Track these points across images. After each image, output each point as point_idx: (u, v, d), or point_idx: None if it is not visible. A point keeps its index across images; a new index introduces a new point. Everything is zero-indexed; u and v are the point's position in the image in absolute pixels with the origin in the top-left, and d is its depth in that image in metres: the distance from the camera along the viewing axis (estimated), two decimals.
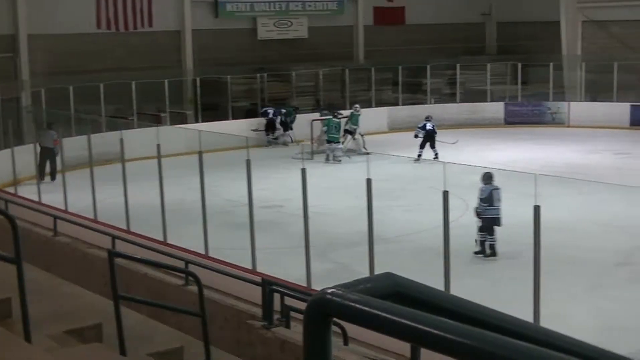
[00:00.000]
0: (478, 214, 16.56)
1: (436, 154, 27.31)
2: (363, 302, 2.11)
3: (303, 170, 13.36)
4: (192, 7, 34.52)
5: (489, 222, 16.39)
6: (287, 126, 31.84)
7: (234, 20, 36.02)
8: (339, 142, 28.40)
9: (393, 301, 2.20)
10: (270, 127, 31.83)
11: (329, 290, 2.17)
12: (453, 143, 28.30)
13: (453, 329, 2.03)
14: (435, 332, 2.02)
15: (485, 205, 16.50)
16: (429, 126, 28.09)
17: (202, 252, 14.66)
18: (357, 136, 29.81)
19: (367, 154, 26.60)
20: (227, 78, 33.10)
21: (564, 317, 11.85)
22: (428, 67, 36.74)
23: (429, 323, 2.05)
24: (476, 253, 16.42)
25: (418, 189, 22.05)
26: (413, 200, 21.26)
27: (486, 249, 16.39)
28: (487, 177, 16.66)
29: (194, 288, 11.06)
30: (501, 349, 1.99)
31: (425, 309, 2.21)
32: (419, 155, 27.34)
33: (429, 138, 27.92)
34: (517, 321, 2.43)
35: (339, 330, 9.27)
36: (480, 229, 16.49)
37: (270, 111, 31.96)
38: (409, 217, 19.47)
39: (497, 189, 16.50)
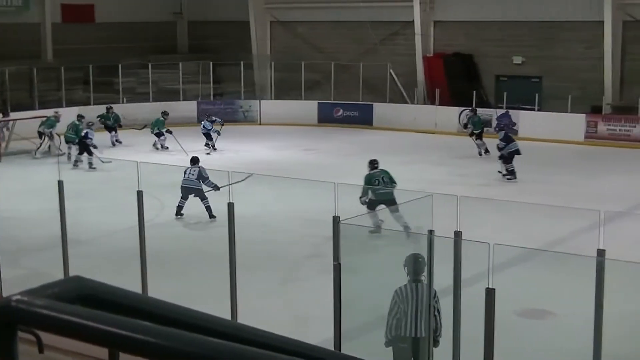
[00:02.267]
0: None
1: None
2: (50, 308, 2.05)
3: None
4: None
5: None
6: None
7: None
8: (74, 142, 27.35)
9: (83, 305, 2.15)
10: None
11: (14, 297, 2.08)
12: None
13: (145, 330, 2.01)
14: (124, 333, 2.00)
15: None
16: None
17: None
18: (54, 139, 28.81)
19: (62, 154, 25.96)
20: None
21: (260, 312, 12.09)
22: (120, 66, 36.27)
23: (119, 325, 2.02)
24: None
25: (112, 189, 21.72)
26: (107, 201, 20.91)
27: None
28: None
29: None
30: (197, 347, 1.99)
31: (118, 311, 2.18)
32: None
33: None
34: (214, 319, 2.44)
35: (34, 338, 8.95)
36: None
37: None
38: (103, 218, 19.13)
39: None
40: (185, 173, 19.18)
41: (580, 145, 30.54)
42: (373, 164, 18.53)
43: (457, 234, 8.51)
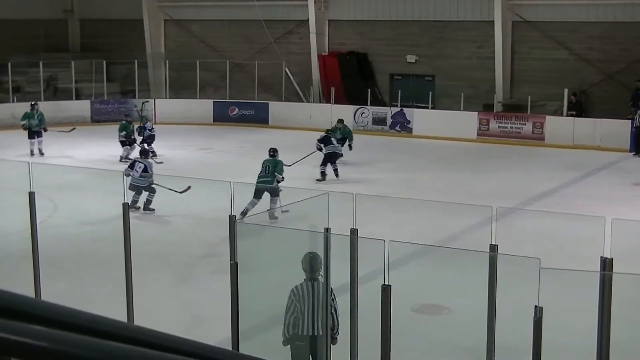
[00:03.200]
0: None
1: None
2: None
3: None
4: None
5: None
6: None
7: None
8: None
9: None
10: None
11: None
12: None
13: (32, 334, 1.97)
14: (13, 338, 1.94)
15: None
16: None
17: None
18: None
19: None
20: None
21: (155, 313, 11.99)
22: (9, 64, 35.47)
23: (10, 330, 1.96)
24: None
25: (1, 190, 21.21)
26: None
27: None
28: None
29: None
30: (89, 350, 1.95)
31: (8, 315, 2.12)
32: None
33: None
34: (107, 321, 2.40)
35: None
36: None
37: None
38: None
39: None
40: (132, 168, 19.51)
41: (473, 142, 31.11)
42: (269, 152, 19.52)
43: (353, 232, 8.56)
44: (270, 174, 18.79)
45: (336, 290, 9.14)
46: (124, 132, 27.22)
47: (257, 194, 18.41)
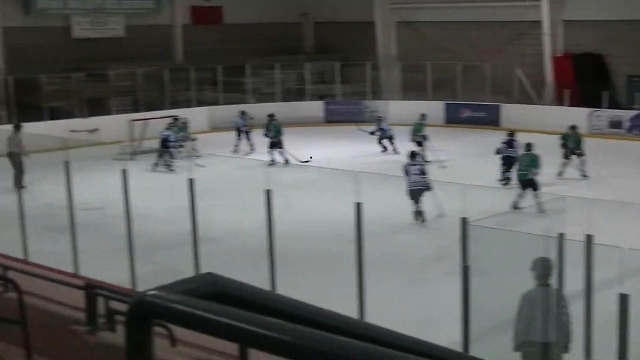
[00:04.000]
0: None
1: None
2: (184, 303, 2.08)
3: (124, 171, 13.13)
4: (2, 3, 33.36)
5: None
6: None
7: (47, 17, 35.06)
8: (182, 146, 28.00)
9: (215, 301, 2.17)
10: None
11: (150, 292, 2.13)
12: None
13: (275, 327, 2.03)
14: (257, 330, 2.01)
15: None
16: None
17: (22, 256, 14.18)
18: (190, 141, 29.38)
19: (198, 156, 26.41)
20: (42, 77, 32.13)
21: (386, 312, 12.07)
22: (247, 66, 36.76)
23: (251, 321, 2.04)
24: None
25: (241, 188, 22.03)
26: (236, 199, 21.22)
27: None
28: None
29: (13, 295, 10.66)
30: (326, 345, 1.99)
31: (248, 308, 2.20)
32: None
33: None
34: (342, 318, 2.44)
35: (166, 332, 9.13)
36: None
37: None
38: (232, 217, 19.42)
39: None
40: (407, 173, 19.10)
41: None
42: (526, 147, 20.71)
43: (589, 238, 8.31)
44: (528, 167, 19.77)
45: (569, 298, 8.90)
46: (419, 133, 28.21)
47: (523, 186, 19.61)
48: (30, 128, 27.35)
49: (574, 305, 8.87)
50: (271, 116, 28.51)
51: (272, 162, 26.28)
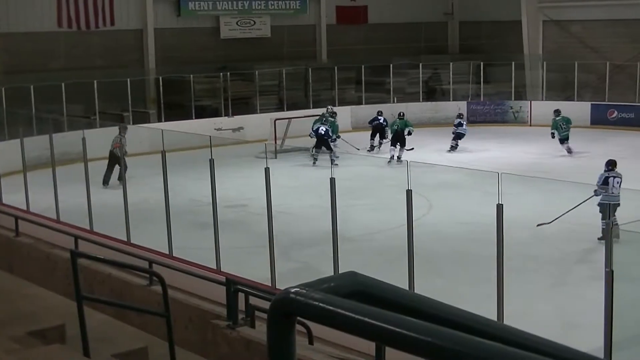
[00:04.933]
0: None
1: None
2: (326, 301, 2.12)
3: (267, 170, 13.34)
4: (154, 5, 34.39)
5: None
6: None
7: (197, 18, 35.96)
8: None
9: (357, 300, 2.20)
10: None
11: (293, 290, 2.17)
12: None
13: (416, 327, 2.04)
14: (399, 330, 2.03)
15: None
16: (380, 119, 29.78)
17: (166, 252, 14.58)
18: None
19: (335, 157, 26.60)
20: (190, 77, 32.95)
21: (527, 315, 11.93)
22: (391, 66, 36.80)
23: (392, 321, 2.06)
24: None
25: (382, 187, 22.09)
26: (377, 199, 21.29)
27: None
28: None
29: (158, 288, 11.00)
30: (465, 346, 2.00)
31: (388, 307, 2.22)
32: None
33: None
34: (481, 319, 2.44)
35: (304, 330, 9.26)
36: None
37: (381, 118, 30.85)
38: (373, 216, 19.49)
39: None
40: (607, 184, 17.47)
41: None
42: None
43: None
44: None
45: None
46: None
47: None
48: (177, 126, 28.13)
49: None
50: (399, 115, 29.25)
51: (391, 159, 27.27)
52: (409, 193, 11.60)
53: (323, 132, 27.53)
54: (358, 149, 28.86)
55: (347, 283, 2.32)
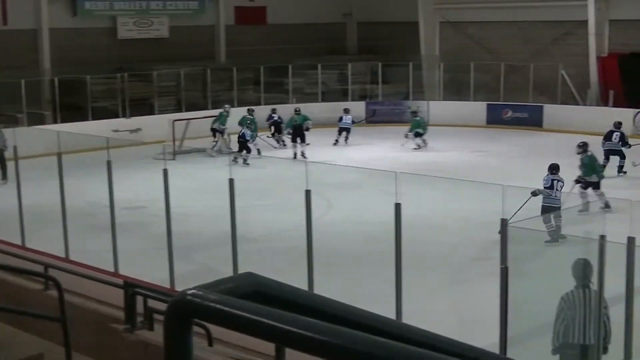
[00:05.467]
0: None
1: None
2: (223, 302, 2.11)
3: (165, 171, 13.23)
4: (49, 5, 33.71)
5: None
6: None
7: (93, 19, 35.40)
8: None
9: (254, 301, 2.20)
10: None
11: (189, 292, 2.16)
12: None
13: (313, 327, 2.05)
14: (295, 330, 2.04)
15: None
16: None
17: (63, 255, 14.34)
18: (225, 136, 29.82)
19: (232, 153, 26.56)
20: (87, 78, 32.43)
21: (425, 313, 12.06)
22: (290, 66, 36.86)
23: (289, 321, 2.06)
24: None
25: (282, 188, 22.10)
26: (277, 199, 21.30)
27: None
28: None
29: (54, 293, 10.78)
30: (363, 345, 2.01)
31: (286, 307, 2.22)
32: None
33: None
34: (379, 318, 2.46)
35: (204, 331, 9.19)
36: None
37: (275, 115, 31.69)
38: (272, 216, 19.50)
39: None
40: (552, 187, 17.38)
41: None
42: (579, 146, 19.83)
43: (630, 240, 8.25)
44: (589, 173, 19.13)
45: (609, 300, 8.85)
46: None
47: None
48: (74, 128, 27.65)
49: (614, 308, 8.81)
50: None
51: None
52: (307, 193, 11.64)
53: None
54: (276, 147, 29.35)
55: (245, 284, 2.31)
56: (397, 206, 10.52)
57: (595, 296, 8.69)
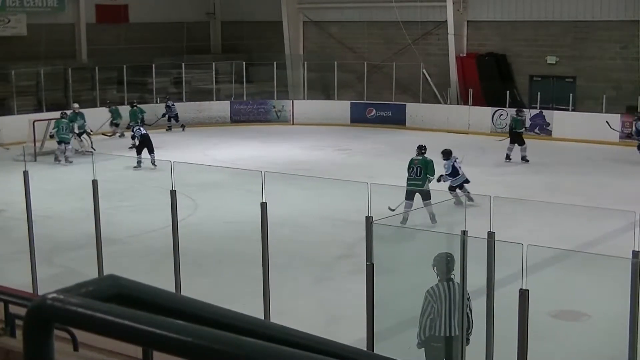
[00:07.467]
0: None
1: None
2: (85, 306, 2.06)
3: (25, 173, 12.89)
4: None
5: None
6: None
7: None
8: (69, 142, 27.60)
9: (117, 303, 2.16)
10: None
11: (50, 295, 2.10)
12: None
13: (176, 328, 2.02)
14: (159, 332, 2.00)
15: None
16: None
17: None
18: (84, 136, 29.35)
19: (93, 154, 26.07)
20: None
21: (292, 311, 12.12)
22: (153, 66, 36.47)
23: (152, 323, 2.02)
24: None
25: (146, 189, 21.86)
26: (141, 200, 21.05)
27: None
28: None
29: None
30: (229, 345, 1.99)
31: (150, 309, 2.19)
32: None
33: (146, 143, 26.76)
34: (245, 317, 2.45)
35: (69, 336, 9.01)
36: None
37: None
38: (137, 217, 19.26)
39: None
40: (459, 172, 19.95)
41: (615, 145, 30.24)
42: (419, 149, 19.04)
43: (490, 235, 8.48)
44: (422, 177, 18.27)
45: (472, 294, 9.08)
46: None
47: (409, 196, 18.14)
48: None
49: (475, 301, 9.05)
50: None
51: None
52: (173, 194, 11.55)
53: (144, 132, 26.94)
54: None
55: (107, 286, 2.27)
56: (264, 205, 10.53)
57: (459, 289, 8.90)
